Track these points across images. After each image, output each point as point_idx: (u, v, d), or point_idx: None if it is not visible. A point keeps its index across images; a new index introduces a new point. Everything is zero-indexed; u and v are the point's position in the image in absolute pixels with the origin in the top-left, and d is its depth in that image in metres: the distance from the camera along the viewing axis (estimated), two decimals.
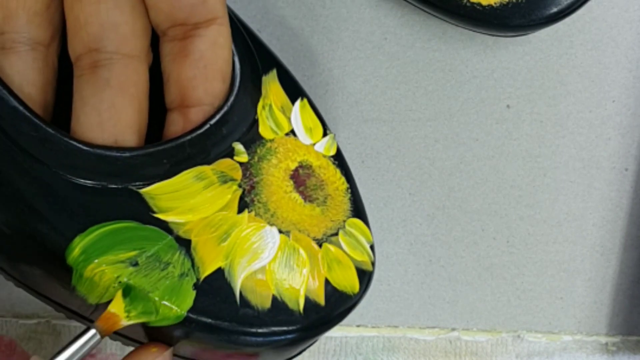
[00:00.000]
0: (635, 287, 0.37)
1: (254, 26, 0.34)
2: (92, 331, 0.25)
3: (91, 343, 0.25)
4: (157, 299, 0.25)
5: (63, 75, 0.27)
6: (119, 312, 0.25)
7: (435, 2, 0.33)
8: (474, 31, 0.34)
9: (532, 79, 0.36)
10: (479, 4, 0.32)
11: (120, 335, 0.27)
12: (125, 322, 0.25)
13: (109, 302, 0.25)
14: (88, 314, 0.27)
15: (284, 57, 0.34)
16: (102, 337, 0.25)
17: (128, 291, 0.25)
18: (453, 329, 0.35)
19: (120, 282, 0.25)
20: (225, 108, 0.27)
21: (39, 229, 0.25)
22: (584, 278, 0.36)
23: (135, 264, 0.25)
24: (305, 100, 0.30)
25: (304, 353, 0.29)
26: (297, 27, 0.34)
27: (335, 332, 0.34)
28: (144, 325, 0.26)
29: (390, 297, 0.35)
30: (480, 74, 0.36)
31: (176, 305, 0.25)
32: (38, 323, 0.32)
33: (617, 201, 0.36)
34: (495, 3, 0.32)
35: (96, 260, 0.25)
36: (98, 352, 0.33)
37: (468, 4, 0.32)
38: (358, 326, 0.35)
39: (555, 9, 0.33)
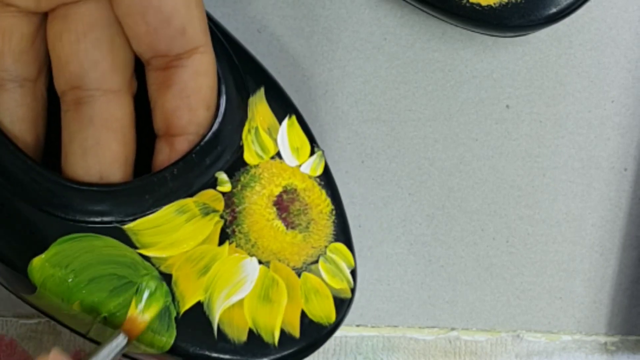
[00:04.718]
0: (634, 286, 0.37)
1: (254, 26, 0.34)
2: (121, 335, 0.25)
3: (120, 346, 0.25)
4: (142, 332, 0.26)
5: (57, 103, 0.28)
6: (136, 313, 0.26)
7: (434, 3, 0.33)
8: (473, 31, 0.34)
9: (531, 79, 0.36)
10: (479, 4, 0.32)
11: None
12: (142, 318, 0.26)
13: (98, 327, 0.26)
14: (84, 333, 0.28)
15: (284, 57, 0.34)
16: (130, 340, 0.26)
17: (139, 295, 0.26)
18: (452, 329, 0.35)
19: (105, 316, 0.26)
20: (208, 137, 0.27)
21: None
22: (583, 278, 0.36)
23: (121, 300, 0.26)
24: (293, 117, 0.30)
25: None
26: (297, 27, 0.34)
27: (335, 332, 0.34)
28: (130, 351, 0.27)
29: (390, 297, 0.35)
30: (480, 74, 0.36)
31: (158, 338, 0.26)
32: (38, 323, 0.32)
33: (616, 201, 0.36)
34: (494, 3, 0.32)
35: (85, 296, 0.26)
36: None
37: (467, 4, 0.32)
38: (358, 326, 0.35)
39: (554, 10, 0.33)
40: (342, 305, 0.29)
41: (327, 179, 0.30)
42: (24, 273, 0.26)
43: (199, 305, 0.27)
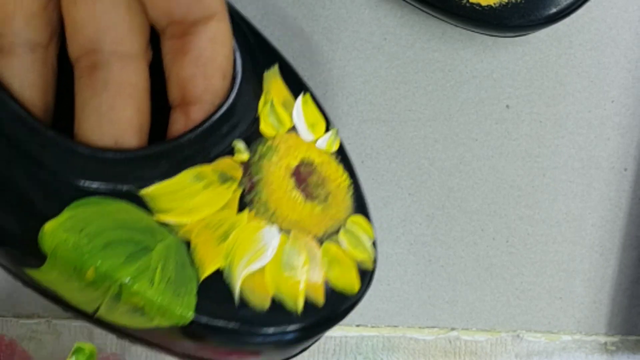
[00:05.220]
0: (634, 286, 0.37)
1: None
2: None
3: None
4: (159, 300, 0.25)
5: (68, 75, 0.27)
6: None
7: (434, 3, 0.33)
8: (473, 31, 0.34)
9: (531, 79, 0.36)
10: (479, 4, 0.32)
11: (125, 334, 0.27)
12: None
13: (111, 300, 0.25)
14: (92, 312, 0.27)
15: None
16: None
17: None
18: (452, 329, 0.35)
19: (121, 283, 0.25)
20: (226, 106, 0.26)
21: None
22: (583, 278, 0.36)
23: (137, 266, 0.25)
24: (307, 94, 0.30)
25: (304, 352, 0.29)
26: (297, 28, 0.34)
27: (335, 332, 0.34)
28: (141, 327, 0.26)
29: (390, 297, 0.35)
30: (480, 74, 0.36)
31: (178, 307, 0.25)
32: (38, 323, 0.32)
33: (616, 201, 0.36)
34: (494, 3, 0.32)
35: (99, 262, 0.25)
36: (99, 352, 0.33)
37: (467, 5, 0.32)
38: (358, 326, 0.35)
39: (554, 10, 0.33)
40: (365, 276, 0.28)
41: (343, 155, 0.29)
42: (34, 242, 0.25)
43: (219, 272, 0.26)
